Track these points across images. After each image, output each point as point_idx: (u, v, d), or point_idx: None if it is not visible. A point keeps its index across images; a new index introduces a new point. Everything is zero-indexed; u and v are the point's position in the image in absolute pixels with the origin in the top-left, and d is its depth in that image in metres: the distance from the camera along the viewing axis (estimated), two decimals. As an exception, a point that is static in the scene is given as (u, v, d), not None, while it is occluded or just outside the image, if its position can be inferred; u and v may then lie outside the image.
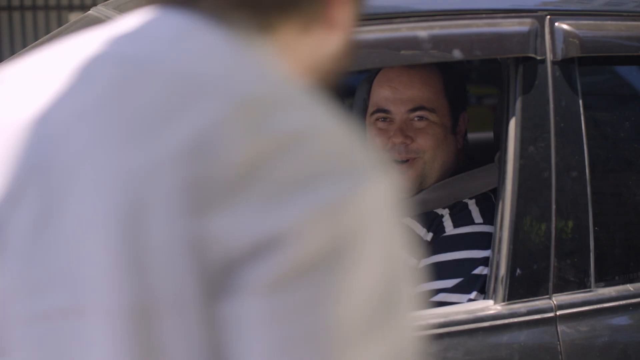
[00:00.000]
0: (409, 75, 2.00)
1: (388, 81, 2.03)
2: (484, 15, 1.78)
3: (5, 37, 11.47)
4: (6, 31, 11.48)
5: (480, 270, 1.85)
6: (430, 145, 1.99)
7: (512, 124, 1.75)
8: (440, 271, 1.87)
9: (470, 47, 1.75)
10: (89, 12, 2.30)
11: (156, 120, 0.71)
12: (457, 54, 1.74)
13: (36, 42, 2.39)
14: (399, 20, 1.73)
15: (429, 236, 1.94)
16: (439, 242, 1.91)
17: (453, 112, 2.01)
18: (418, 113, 1.99)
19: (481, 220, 1.91)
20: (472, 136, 4.46)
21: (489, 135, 2.28)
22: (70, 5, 11.62)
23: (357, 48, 1.71)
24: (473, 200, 1.95)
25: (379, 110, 2.03)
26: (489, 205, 1.93)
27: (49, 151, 0.73)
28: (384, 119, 2.02)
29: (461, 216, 1.92)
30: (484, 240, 1.86)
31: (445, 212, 1.95)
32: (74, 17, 10.82)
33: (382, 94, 2.04)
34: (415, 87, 2.00)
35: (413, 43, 1.71)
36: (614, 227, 1.91)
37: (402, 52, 1.73)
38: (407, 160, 2.00)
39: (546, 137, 1.75)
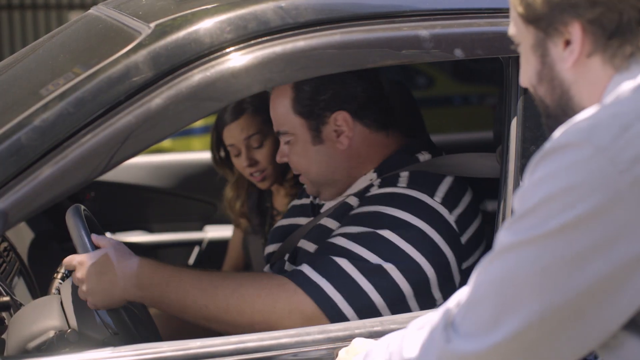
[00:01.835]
0: (271, 101, 2.06)
1: None
2: (485, 15, 1.77)
3: (5, 36, 11.46)
4: (6, 30, 11.48)
5: (387, 233, 1.83)
6: (297, 164, 2.05)
7: (514, 124, 1.75)
8: (349, 220, 1.90)
9: (471, 46, 1.74)
10: (89, 11, 2.29)
11: None
12: (458, 53, 1.74)
13: (36, 41, 2.39)
14: (400, 19, 1.73)
15: (357, 202, 1.97)
16: (360, 202, 1.95)
17: (311, 123, 1.98)
18: (281, 137, 2.05)
19: (404, 185, 1.92)
20: (472, 136, 4.47)
21: (489, 134, 2.27)
22: (70, 4, 11.62)
23: (359, 47, 1.71)
24: (407, 172, 1.96)
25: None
26: (421, 175, 1.95)
27: None
28: None
29: (388, 181, 1.95)
30: (398, 200, 1.88)
31: (377, 181, 1.98)
32: (74, 15, 10.82)
33: None
34: (272, 113, 2.06)
35: (414, 42, 1.71)
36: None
37: (404, 51, 1.73)
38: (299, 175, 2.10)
39: (547, 137, 1.75)
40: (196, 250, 3.66)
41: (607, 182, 1.03)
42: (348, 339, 1.61)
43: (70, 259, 1.76)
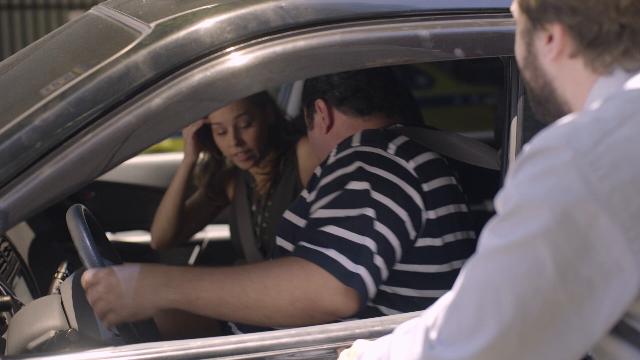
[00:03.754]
0: None
1: None
2: (485, 14, 1.77)
3: (5, 36, 11.47)
4: (6, 30, 11.48)
5: (355, 185, 1.88)
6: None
7: (514, 124, 1.75)
8: (318, 196, 1.93)
9: (472, 46, 1.75)
10: (89, 10, 2.29)
11: None
12: (458, 53, 1.74)
13: (36, 41, 2.39)
14: (400, 19, 1.73)
15: (319, 171, 2.03)
16: (321, 173, 2.00)
17: (308, 111, 2.25)
18: None
19: (357, 144, 1.97)
20: (473, 136, 4.47)
21: (490, 134, 2.27)
22: (71, 4, 11.62)
23: (359, 47, 1.71)
24: (358, 134, 2.03)
25: None
26: (371, 133, 2.02)
27: None
28: None
29: (342, 145, 2.01)
30: (355, 157, 1.93)
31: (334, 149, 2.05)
32: (74, 15, 10.82)
33: None
34: None
35: (415, 42, 1.71)
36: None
37: (404, 51, 1.73)
38: None
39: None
40: (196, 250, 3.66)
41: (586, 187, 1.02)
42: (348, 338, 1.61)
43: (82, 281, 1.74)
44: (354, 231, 1.81)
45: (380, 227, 1.84)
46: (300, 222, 2.01)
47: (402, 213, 1.88)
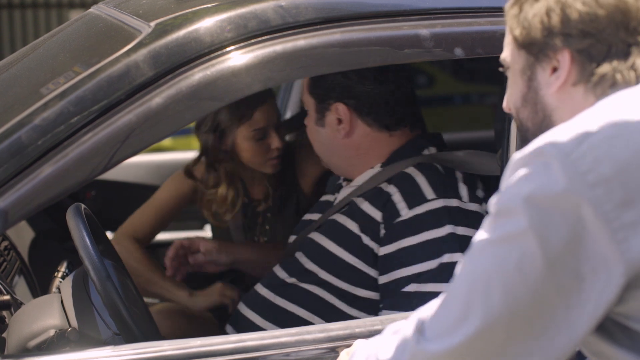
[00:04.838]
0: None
1: None
2: (485, 14, 1.77)
3: (6, 35, 11.47)
4: (6, 29, 11.48)
5: (450, 257, 1.85)
6: (310, 139, 2.19)
7: (514, 124, 1.75)
8: (404, 257, 1.88)
9: (472, 45, 1.75)
10: (90, 9, 2.29)
11: None
12: (458, 52, 1.74)
13: (37, 40, 2.39)
14: (400, 18, 1.73)
15: (379, 216, 1.95)
16: (396, 227, 1.92)
17: (318, 106, 2.07)
18: None
19: (434, 196, 1.92)
20: (473, 135, 4.47)
21: (490, 134, 2.27)
22: (71, 3, 11.62)
23: (359, 46, 1.71)
24: (416, 170, 1.97)
25: None
26: (439, 180, 1.96)
27: None
28: None
29: (412, 194, 1.93)
30: (441, 217, 1.89)
31: (393, 191, 1.96)
32: (74, 14, 10.81)
33: None
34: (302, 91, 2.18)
35: (415, 41, 1.71)
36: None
37: (404, 50, 1.73)
38: None
39: None
40: (196, 249, 3.65)
41: (570, 181, 1.08)
42: (348, 338, 1.61)
43: None
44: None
45: None
46: (348, 257, 1.95)
47: None
